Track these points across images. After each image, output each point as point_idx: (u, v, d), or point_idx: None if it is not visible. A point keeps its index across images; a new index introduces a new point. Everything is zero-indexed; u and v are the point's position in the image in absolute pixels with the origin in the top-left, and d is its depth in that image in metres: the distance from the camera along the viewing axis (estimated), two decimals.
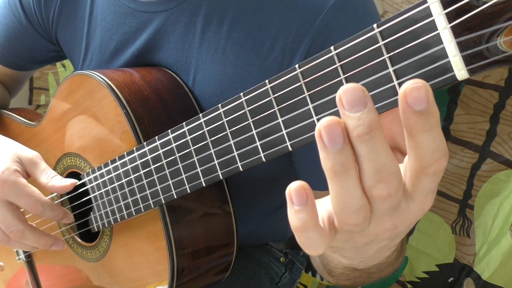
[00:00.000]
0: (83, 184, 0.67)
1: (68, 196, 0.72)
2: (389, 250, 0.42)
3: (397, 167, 0.30)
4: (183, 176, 0.51)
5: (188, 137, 0.49)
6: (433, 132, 0.28)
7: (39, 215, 0.65)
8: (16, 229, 0.64)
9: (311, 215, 0.31)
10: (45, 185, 0.66)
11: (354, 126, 0.28)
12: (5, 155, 0.66)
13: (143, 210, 0.59)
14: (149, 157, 0.55)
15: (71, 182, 0.66)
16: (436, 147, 0.29)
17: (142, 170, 0.56)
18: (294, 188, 0.31)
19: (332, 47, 0.35)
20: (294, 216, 0.31)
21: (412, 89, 0.27)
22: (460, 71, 0.30)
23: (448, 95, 0.98)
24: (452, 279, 1.03)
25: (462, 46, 0.30)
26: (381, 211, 0.32)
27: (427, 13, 0.31)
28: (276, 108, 0.40)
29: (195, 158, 0.49)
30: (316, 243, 0.32)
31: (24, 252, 0.83)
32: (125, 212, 0.62)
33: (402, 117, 0.28)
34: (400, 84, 0.33)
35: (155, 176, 0.55)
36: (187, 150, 0.50)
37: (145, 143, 0.55)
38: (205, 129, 0.47)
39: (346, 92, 0.28)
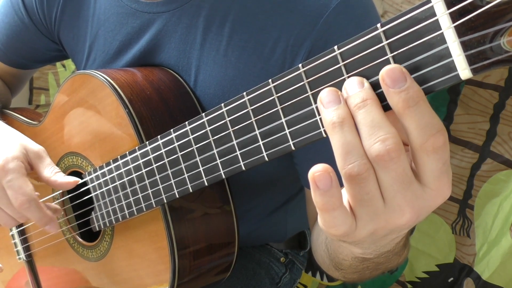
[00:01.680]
0: (85, 183, 0.67)
1: (70, 195, 0.72)
2: (399, 237, 0.43)
3: (393, 129, 0.32)
4: (185, 175, 0.51)
5: (191, 136, 0.49)
6: (419, 107, 0.31)
7: (22, 212, 0.63)
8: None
9: (337, 196, 0.33)
10: (47, 179, 0.65)
11: (352, 99, 0.34)
12: (12, 144, 0.66)
13: (144, 210, 0.59)
14: (151, 156, 0.55)
15: (74, 179, 0.65)
16: (426, 122, 0.31)
17: (144, 169, 0.56)
18: (318, 174, 0.33)
19: (335, 47, 0.35)
20: (320, 198, 0.33)
21: (387, 71, 0.32)
22: (464, 71, 0.31)
23: (448, 95, 0.98)
24: (452, 279, 1.03)
25: (465, 46, 0.30)
26: (390, 184, 0.33)
27: (431, 12, 0.31)
28: (279, 107, 0.40)
29: (197, 157, 0.49)
30: (341, 221, 0.34)
31: (25, 251, 0.83)
32: (126, 212, 0.62)
33: (388, 100, 0.32)
34: None
35: (157, 176, 0.55)
36: (189, 149, 0.50)
37: (147, 142, 0.55)
38: (208, 128, 0.47)
39: (350, 81, 0.35)
